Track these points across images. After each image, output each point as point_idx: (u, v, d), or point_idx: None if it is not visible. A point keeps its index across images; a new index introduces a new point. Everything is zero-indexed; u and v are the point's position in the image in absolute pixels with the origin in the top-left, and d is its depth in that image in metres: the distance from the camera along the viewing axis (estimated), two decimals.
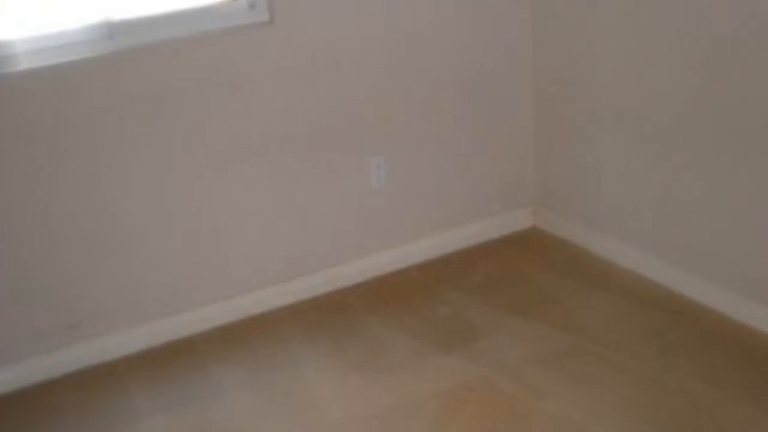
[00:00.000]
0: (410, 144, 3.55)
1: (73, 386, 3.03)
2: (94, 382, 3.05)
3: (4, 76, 2.79)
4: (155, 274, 3.19)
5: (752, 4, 2.77)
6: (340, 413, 2.79)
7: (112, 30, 2.94)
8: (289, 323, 3.32)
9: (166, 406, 2.90)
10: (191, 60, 3.06)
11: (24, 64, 2.83)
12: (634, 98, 3.28)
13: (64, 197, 2.98)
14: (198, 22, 3.07)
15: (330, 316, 3.34)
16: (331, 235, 3.48)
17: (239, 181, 3.24)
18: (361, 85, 3.38)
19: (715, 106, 2.98)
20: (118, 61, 2.95)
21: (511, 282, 3.48)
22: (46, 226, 2.98)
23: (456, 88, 3.58)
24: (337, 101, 3.34)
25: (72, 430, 2.84)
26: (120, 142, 3.01)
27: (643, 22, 3.17)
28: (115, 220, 3.07)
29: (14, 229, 2.94)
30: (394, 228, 3.61)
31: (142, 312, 3.20)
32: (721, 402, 2.67)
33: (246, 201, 3.28)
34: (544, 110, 3.72)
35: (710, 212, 3.10)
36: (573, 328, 3.12)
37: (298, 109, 3.28)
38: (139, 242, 3.13)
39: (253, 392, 2.94)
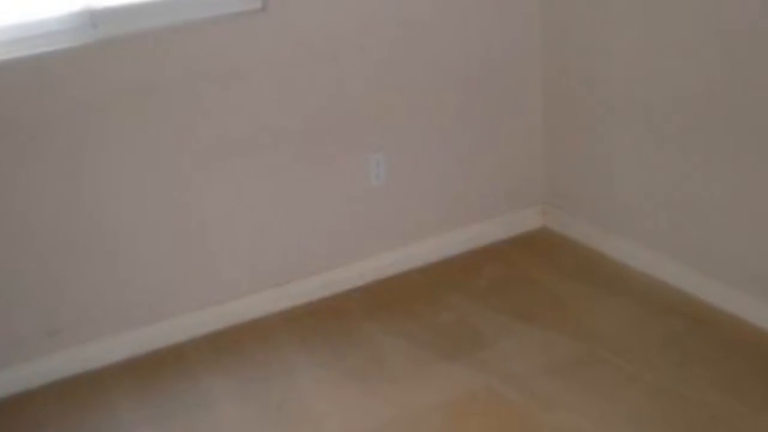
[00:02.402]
0: (411, 140, 3.53)
1: (53, 397, 3.01)
2: (76, 392, 3.02)
3: None
4: (141, 278, 3.17)
5: None
6: (338, 426, 2.78)
7: (95, 18, 2.92)
8: (283, 330, 3.29)
9: (152, 418, 2.88)
10: (179, 50, 3.05)
11: (0, 55, 2.80)
12: (648, 92, 3.27)
13: (43, 196, 2.95)
14: (186, 9, 3.05)
15: (327, 322, 3.32)
16: (327, 236, 3.46)
17: (230, 178, 3.23)
18: (359, 77, 3.36)
19: (734, 100, 2.97)
20: (102, 52, 2.93)
21: (519, 286, 3.46)
22: (25, 227, 2.95)
23: (460, 80, 3.56)
24: (335, 94, 3.33)
25: None
26: (104, 137, 2.99)
27: (658, 11, 3.17)
28: (99, 220, 3.05)
29: None
30: (395, 229, 3.59)
31: (126, 318, 3.18)
32: (741, 413, 2.65)
33: (237, 200, 3.26)
34: (554, 104, 3.71)
35: (729, 212, 3.09)
36: (584, 335, 3.11)
37: (293, 102, 3.26)
38: (124, 244, 3.12)
39: (244, 403, 2.92)
